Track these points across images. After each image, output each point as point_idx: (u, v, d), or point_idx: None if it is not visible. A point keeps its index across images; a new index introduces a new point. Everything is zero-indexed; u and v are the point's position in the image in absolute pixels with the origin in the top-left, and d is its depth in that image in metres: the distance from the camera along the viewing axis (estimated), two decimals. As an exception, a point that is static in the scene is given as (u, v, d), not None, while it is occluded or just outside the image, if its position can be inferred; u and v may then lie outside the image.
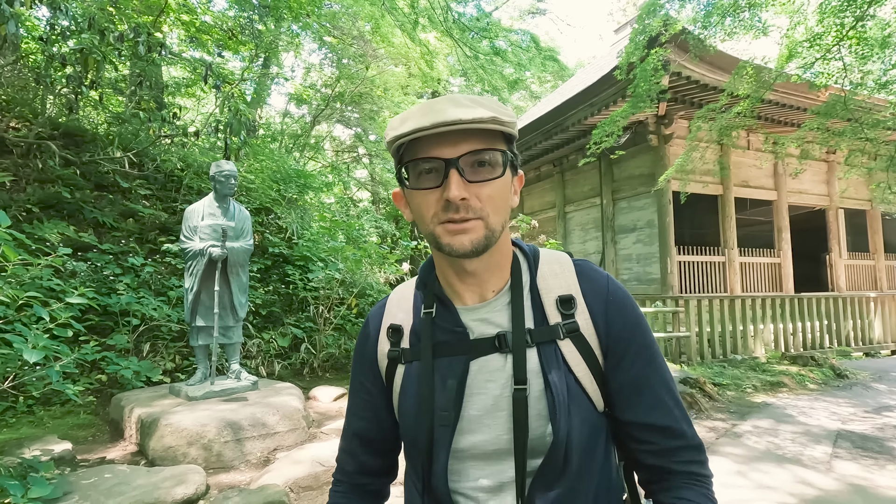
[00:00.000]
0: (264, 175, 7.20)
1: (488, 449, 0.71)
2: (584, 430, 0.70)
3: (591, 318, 0.73)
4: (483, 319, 0.74)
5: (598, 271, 0.77)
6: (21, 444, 2.88)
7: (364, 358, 0.84)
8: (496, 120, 0.65)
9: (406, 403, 0.76)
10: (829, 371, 6.74)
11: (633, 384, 0.72)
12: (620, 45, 11.40)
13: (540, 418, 0.68)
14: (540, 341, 0.71)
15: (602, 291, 0.74)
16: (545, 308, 0.73)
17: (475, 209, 0.67)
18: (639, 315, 0.75)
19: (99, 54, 4.72)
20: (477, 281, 0.74)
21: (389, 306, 0.84)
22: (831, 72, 5.71)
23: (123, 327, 4.41)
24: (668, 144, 7.89)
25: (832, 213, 9.68)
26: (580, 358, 0.71)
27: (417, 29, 8.86)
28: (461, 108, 0.64)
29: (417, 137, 0.66)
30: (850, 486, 3.14)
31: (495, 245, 0.71)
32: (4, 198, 4.63)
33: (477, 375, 0.72)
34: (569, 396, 0.69)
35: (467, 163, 0.66)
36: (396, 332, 0.80)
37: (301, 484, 2.64)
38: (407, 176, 0.70)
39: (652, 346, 0.74)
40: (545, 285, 0.75)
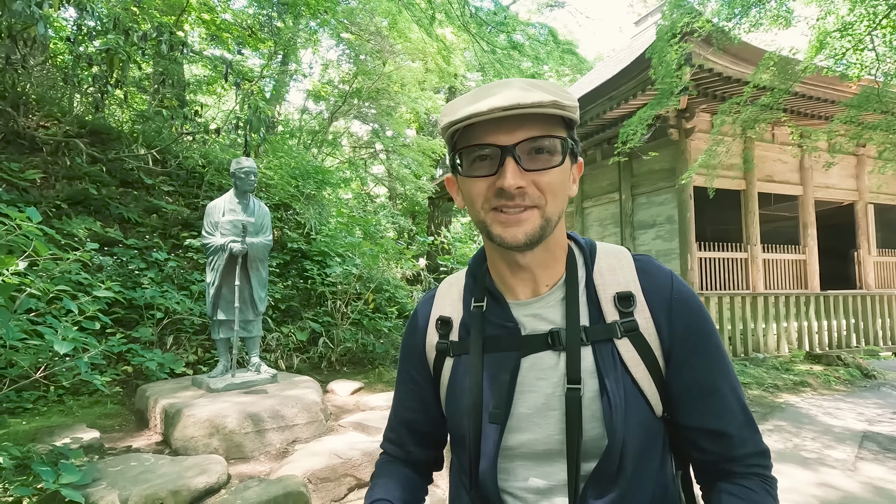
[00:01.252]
0: (283, 171, 7.29)
1: (538, 449, 0.68)
2: (641, 435, 0.67)
3: (651, 316, 0.69)
4: (535, 315, 0.71)
5: (660, 267, 0.73)
6: (52, 432, 2.99)
7: (412, 348, 0.83)
8: (557, 104, 0.62)
9: (453, 398, 0.74)
10: (856, 371, 6.57)
11: (699, 388, 0.68)
12: (641, 37, 11.20)
13: (594, 420, 0.66)
14: (595, 339, 0.68)
15: (665, 289, 0.70)
16: (602, 305, 0.70)
17: (532, 197, 0.64)
18: (705, 315, 0.71)
19: (123, 54, 4.83)
20: (530, 274, 0.72)
21: (439, 297, 0.82)
22: (863, 62, 5.52)
23: (148, 320, 4.53)
24: (690, 139, 7.73)
25: (861, 209, 9.38)
26: (639, 359, 0.68)
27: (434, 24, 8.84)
28: (520, 92, 0.61)
29: (473, 123, 0.63)
30: (876, 488, 3.06)
31: (550, 236, 0.69)
32: (35, 194, 4.78)
33: (528, 373, 0.70)
34: (625, 399, 0.66)
35: (524, 150, 0.63)
36: (445, 325, 0.78)
37: (319, 476, 2.68)
38: (460, 162, 0.67)
39: (719, 349, 0.70)
40: (602, 281, 0.71)
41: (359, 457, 2.86)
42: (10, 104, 5.13)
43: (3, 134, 5.04)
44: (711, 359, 0.69)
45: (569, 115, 0.65)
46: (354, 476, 2.81)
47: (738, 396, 0.70)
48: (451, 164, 0.70)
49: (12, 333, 2.14)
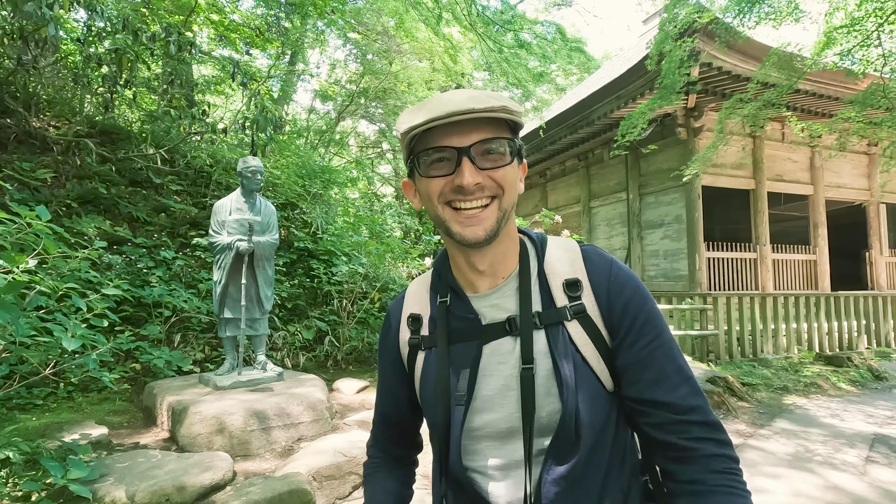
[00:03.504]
0: (290, 171, 7.33)
1: (501, 427, 0.74)
2: (594, 408, 0.72)
3: (595, 299, 0.75)
4: (494, 305, 0.77)
5: (602, 255, 0.79)
6: (61, 428, 3.03)
7: (387, 347, 0.89)
8: (506, 109, 0.68)
9: (426, 388, 0.80)
10: (867, 372, 6.48)
11: (637, 361, 0.72)
12: (649, 35, 11.11)
13: (549, 396, 0.71)
14: (548, 323, 0.74)
15: (605, 273, 0.76)
16: (552, 291, 0.76)
17: (490, 188, 0.70)
18: (642, 295, 0.75)
19: (132, 54, 4.88)
20: (488, 268, 0.77)
21: (408, 297, 0.88)
22: (871, 59, 5.45)
23: (156, 318, 4.57)
24: (698, 138, 7.67)
25: (873, 209, 9.26)
26: (587, 338, 0.73)
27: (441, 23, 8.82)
28: (472, 100, 0.67)
29: (430, 128, 0.68)
30: (886, 492, 3.02)
31: (504, 231, 0.74)
32: (46, 193, 4.84)
33: (490, 358, 0.76)
34: (576, 374, 0.71)
35: (479, 151, 0.69)
36: (416, 321, 0.84)
37: (323, 473, 2.69)
38: (418, 164, 0.72)
39: (656, 324, 0.74)
40: (552, 270, 0.78)
41: (363, 455, 2.87)
42: (21, 104, 5.19)
43: (15, 134, 5.11)
44: (647, 333, 0.73)
45: (515, 119, 0.71)
46: (359, 474, 2.82)
47: (679, 368, 0.72)
48: (408, 168, 0.76)
49: (22, 330, 2.17)
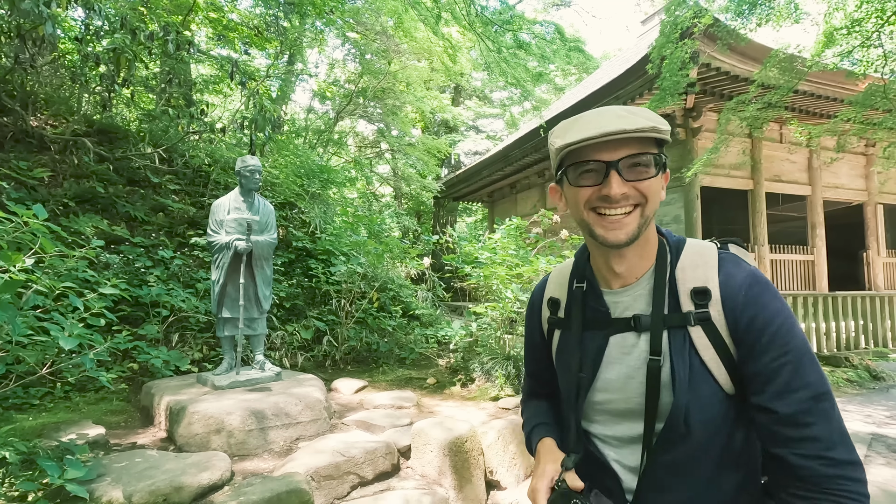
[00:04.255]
0: (288, 170, 7.31)
1: (620, 407, 0.84)
2: (707, 405, 0.77)
3: (722, 309, 0.79)
4: (623, 302, 0.86)
5: (739, 266, 0.82)
6: (58, 427, 3.01)
7: (532, 320, 1.06)
8: (656, 129, 0.76)
9: (561, 362, 0.95)
10: (865, 373, 6.50)
11: (764, 373, 0.75)
12: (647, 36, 11.13)
13: (664, 390, 0.79)
14: (671, 325, 0.80)
15: (737, 286, 0.79)
16: (679, 296, 0.82)
17: (635, 197, 0.78)
18: (775, 312, 0.77)
19: (130, 53, 4.86)
20: (623, 269, 0.85)
21: (550, 282, 1.02)
22: (871, 60, 5.46)
23: (154, 318, 4.55)
24: (697, 138, 7.68)
25: (870, 209, 9.28)
26: (709, 343, 0.79)
27: (440, 23, 8.81)
28: (623, 120, 0.75)
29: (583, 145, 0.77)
30: (885, 492, 3.03)
31: (644, 235, 0.82)
32: (43, 192, 4.82)
33: (614, 348, 0.85)
34: (691, 373, 0.78)
35: (626, 164, 0.77)
36: (554, 304, 0.98)
37: (322, 473, 2.68)
38: (568, 175, 0.81)
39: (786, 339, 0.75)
40: (682, 276, 0.83)
41: (362, 455, 2.86)
42: (19, 103, 5.17)
43: (12, 132, 5.09)
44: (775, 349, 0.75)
45: (663, 137, 0.78)
46: (357, 474, 2.81)
47: (808, 385, 0.73)
48: (557, 176, 0.85)
49: (19, 329, 2.16)
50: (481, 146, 19.74)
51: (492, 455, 3.11)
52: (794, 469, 0.72)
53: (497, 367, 4.70)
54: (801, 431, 0.71)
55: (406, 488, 2.80)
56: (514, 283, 4.95)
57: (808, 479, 0.71)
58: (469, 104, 20.89)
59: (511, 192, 13.38)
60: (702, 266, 0.82)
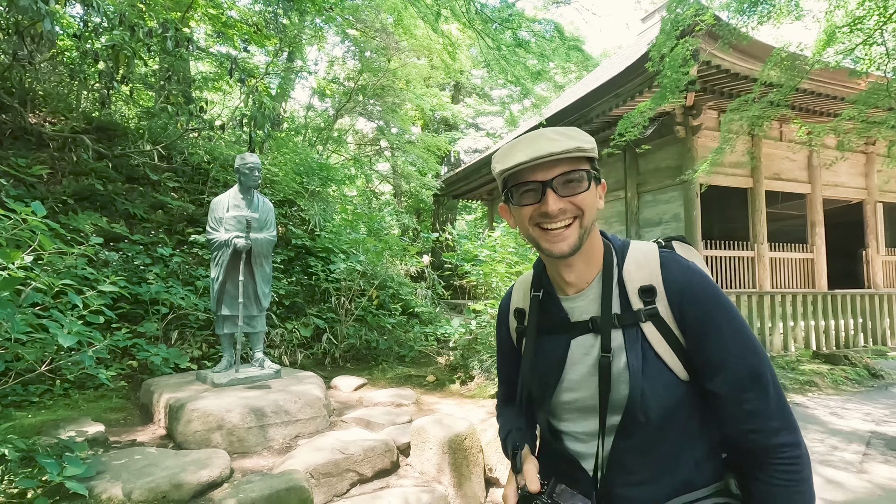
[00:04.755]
0: (288, 168, 7.30)
1: (587, 404, 0.91)
2: (663, 393, 0.84)
3: (668, 304, 0.87)
4: (579, 307, 0.94)
5: (679, 264, 0.90)
6: (57, 425, 3.01)
7: (502, 330, 1.13)
8: (580, 149, 0.84)
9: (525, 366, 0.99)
10: (864, 371, 6.50)
11: (709, 362, 0.84)
12: (648, 33, 11.11)
13: (621, 383, 0.85)
14: (625, 324, 0.88)
15: (679, 282, 0.87)
16: (629, 296, 0.89)
17: (572, 211, 0.86)
18: (712, 302, 0.85)
19: (129, 50, 4.84)
20: (572, 275, 0.93)
21: (514, 292, 1.09)
22: (873, 58, 5.44)
23: (153, 315, 4.55)
24: (696, 136, 7.66)
25: (870, 208, 9.27)
26: (660, 337, 0.86)
27: (440, 20, 8.79)
28: (552, 143, 0.83)
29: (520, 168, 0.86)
30: (884, 489, 3.03)
31: (587, 243, 0.90)
32: (42, 190, 4.82)
33: (576, 350, 0.93)
34: (646, 365, 0.84)
35: (559, 182, 0.85)
36: (520, 314, 1.05)
37: (321, 470, 2.69)
38: (512, 195, 0.89)
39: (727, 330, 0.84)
40: (629, 277, 0.90)
41: (361, 452, 2.86)
42: (17, 100, 5.16)
43: (11, 130, 5.08)
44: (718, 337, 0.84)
45: (589, 154, 0.86)
46: (357, 471, 2.81)
47: (751, 369, 0.82)
48: (504, 197, 0.93)
49: (18, 327, 2.15)
50: (481, 144, 19.73)
51: (491, 452, 3.11)
52: (741, 444, 0.83)
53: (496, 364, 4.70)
54: (742, 408, 0.81)
55: (405, 486, 2.81)
56: (514, 280, 4.94)
57: (753, 452, 0.81)
58: (469, 102, 20.86)
59: (511, 190, 13.36)
60: (646, 266, 0.90)
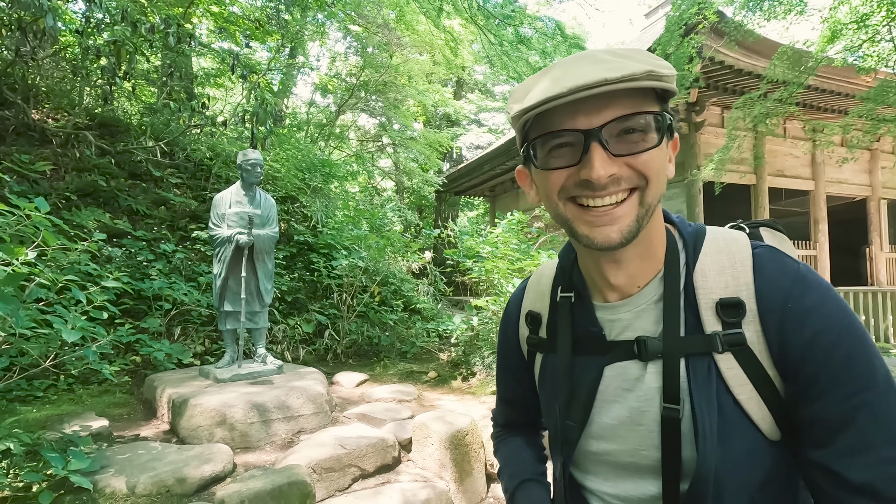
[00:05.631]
0: (290, 164, 7.31)
1: (625, 460, 0.63)
2: (746, 464, 0.57)
3: (761, 328, 0.56)
4: (623, 319, 0.64)
5: (784, 265, 0.58)
6: (62, 419, 3.04)
7: (507, 339, 0.84)
8: (651, 74, 0.51)
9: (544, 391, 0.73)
10: (866, 368, 6.50)
11: (828, 420, 0.53)
12: (651, 29, 11.05)
13: (684, 440, 0.57)
14: (690, 353, 0.58)
15: (783, 293, 0.56)
16: (701, 311, 0.59)
17: (629, 179, 0.55)
18: (841, 327, 0.54)
19: (131, 46, 4.85)
20: (623, 274, 0.63)
21: (529, 290, 0.79)
22: (881, 55, 5.40)
23: (156, 311, 4.57)
24: (700, 132, 7.64)
25: (874, 205, 9.23)
26: (745, 377, 0.56)
27: (442, 16, 8.78)
28: (604, 66, 0.51)
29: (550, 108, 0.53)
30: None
31: (647, 228, 0.59)
32: (45, 186, 4.83)
33: (612, 382, 0.63)
34: (723, 421, 0.56)
35: (613, 132, 0.54)
36: (535, 321, 0.75)
37: (323, 466, 2.70)
38: (534, 153, 0.58)
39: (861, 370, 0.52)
40: (704, 283, 0.60)
41: (363, 448, 2.88)
42: (20, 96, 5.17)
43: (14, 125, 5.09)
44: (847, 385, 0.52)
45: (666, 85, 0.53)
46: (359, 466, 2.83)
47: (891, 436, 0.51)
48: (523, 155, 0.62)
49: (22, 322, 2.17)
50: (483, 140, 19.70)
51: (492, 448, 3.12)
52: None
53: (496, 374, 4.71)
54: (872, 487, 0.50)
55: (406, 481, 2.82)
56: (516, 277, 4.95)
57: None
58: (471, 98, 20.81)
59: (513, 186, 13.36)
60: (730, 268, 0.59)
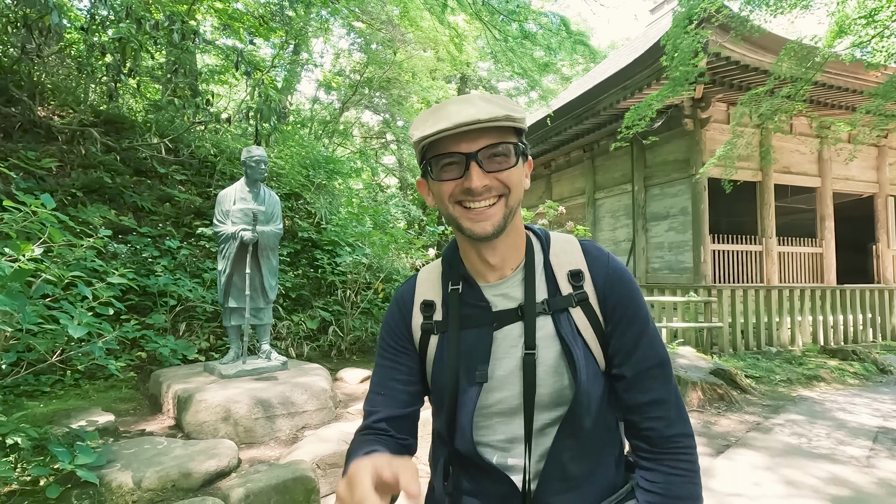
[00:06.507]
0: (294, 161, 7.31)
1: (512, 404, 0.81)
2: (595, 383, 0.81)
3: (594, 289, 0.83)
4: (503, 294, 0.84)
5: (599, 249, 0.88)
6: (69, 414, 3.06)
7: (396, 329, 0.92)
8: (509, 118, 0.74)
9: (439, 368, 0.86)
10: (872, 366, 6.46)
11: (625, 348, 0.82)
12: (656, 25, 10.98)
13: (556, 375, 0.79)
14: (555, 309, 0.82)
15: (603, 265, 0.84)
16: (558, 281, 0.84)
17: (497, 188, 0.77)
18: (633, 288, 0.84)
19: (136, 42, 4.86)
20: (496, 260, 0.84)
21: (420, 283, 0.93)
22: (890, 50, 5.33)
23: (161, 307, 4.60)
24: (705, 129, 7.59)
25: (881, 201, 9.16)
26: (588, 324, 0.82)
27: (446, 12, 8.73)
28: (477, 109, 0.73)
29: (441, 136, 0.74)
30: (890, 485, 3.02)
31: (511, 225, 0.80)
32: (51, 182, 4.86)
33: (502, 342, 0.82)
34: (583, 353, 0.80)
35: (485, 155, 0.75)
36: (429, 307, 0.89)
37: (327, 461, 2.72)
38: (430, 168, 0.79)
39: (643, 315, 0.83)
40: (557, 262, 0.85)
41: (367, 444, 2.89)
42: (26, 93, 5.19)
43: (20, 122, 5.12)
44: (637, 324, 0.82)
45: (518, 125, 0.77)
46: (362, 462, 2.84)
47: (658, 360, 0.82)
48: (422, 170, 0.81)
49: (29, 318, 2.18)
50: (487, 137, 19.60)
51: (496, 445, 3.13)
52: (642, 432, 0.81)
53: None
54: (647, 394, 0.80)
55: (410, 477, 2.83)
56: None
57: (655, 440, 0.80)
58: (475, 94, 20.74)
59: (517, 183, 13.32)
60: (570, 251, 0.86)
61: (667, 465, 0.80)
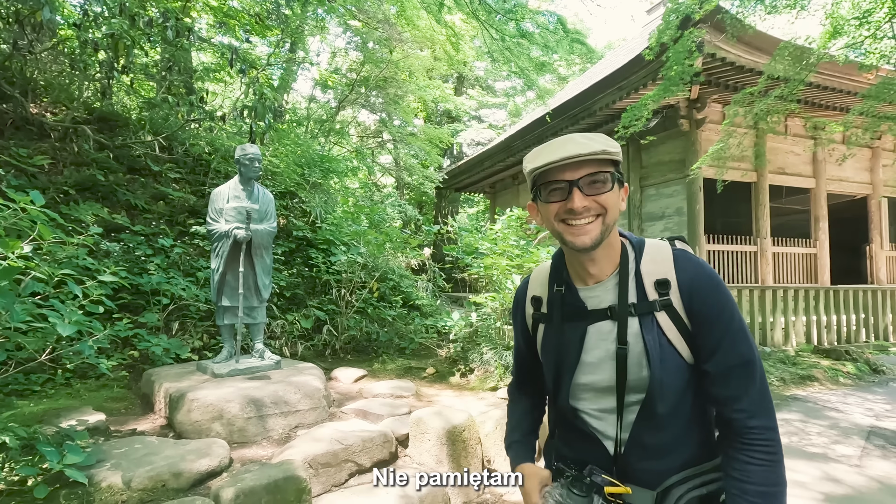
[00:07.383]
0: (289, 159, 7.28)
1: (601, 385, 1.00)
2: (675, 375, 0.95)
3: (679, 294, 0.97)
4: (597, 296, 1.03)
5: (689, 259, 1.00)
6: (59, 414, 3.03)
7: (517, 316, 1.21)
8: (605, 152, 0.92)
9: (545, 352, 1.10)
10: (864, 366, 6.49)
11: (709, 346, 0.95)
12: (652, 26, 10.98)
13: (639, 366, 0.96)
14: (641, 312, 0.97)
15: (690, 275, 0.98)
16: (646, 288, 0.99)
17: (595, 209, 0.95)
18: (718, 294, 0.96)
19: (129, 39, 4.82)
20: (594, 267, 1.02)
21: (532, 281, 1.18)
22: (884, 51, 5.36)
23: (154, 306, 4.57)
24: (701, 129, 7.61)
25: (874, 203, 9.21)
26: (672, 324, 0.96)
27: (443, 11, 8.71)
28: (578, 146, 0.92)
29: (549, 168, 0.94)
30: (882, 484, 3.03)
31: (607, 239, 0.98)
32: (43, 180, 4.81)
33: (593, 336, 1.02)
34: (661, 351, 0.95)
35: (585, 182, 0.93)
36: (537, 302, 1.14)
37: (320, 461, 2.70)
38: (540, 193, 0.98)
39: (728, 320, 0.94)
40: (647, 270, 1.00)
41: (360, 443, 2.87)
42: (18, 90, 5.14)
43: (12, 119, 5.07)
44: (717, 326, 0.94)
45: (614, 157, 0.95)
46: (355, 462, 2.83)
47: (741, 357, 0.93)
48: (533, 195, 1.02)
49: (18, 316, 2.16)
50: (484, 136, 19.63)
51: (489, 444, 3.12)
52: (728, 423, 0.93)
53: (496, 357, 4.71)
54: (729, 391, 0.93)
55: (404, 476, 2.82)
56: (515, 273, 4.94)
57: (737, 430, 0.92)
58: (472, 93, 20.75)
59: (513, 183, 13.33)
60: (660, 261, 1.00)
61: (745, 453, 0.90)
